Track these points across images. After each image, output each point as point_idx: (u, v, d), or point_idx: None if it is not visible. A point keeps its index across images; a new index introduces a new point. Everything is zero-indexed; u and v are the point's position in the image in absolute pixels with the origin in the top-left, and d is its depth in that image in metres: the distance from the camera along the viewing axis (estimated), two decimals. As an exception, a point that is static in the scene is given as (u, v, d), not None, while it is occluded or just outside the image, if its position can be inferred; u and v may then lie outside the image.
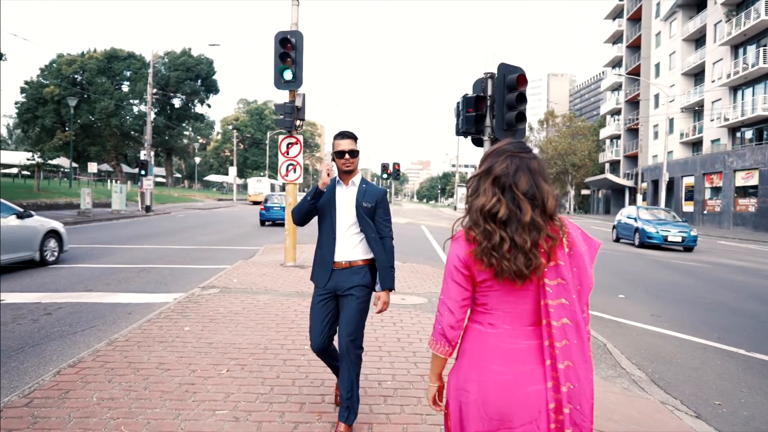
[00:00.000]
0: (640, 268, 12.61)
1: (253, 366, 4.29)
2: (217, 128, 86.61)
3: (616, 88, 58.96)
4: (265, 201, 22.01)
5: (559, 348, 1.58)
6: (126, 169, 62.04)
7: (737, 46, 33.80)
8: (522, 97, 7.26)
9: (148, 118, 30.26)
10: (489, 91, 7.43)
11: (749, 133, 33.58)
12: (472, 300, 1.70)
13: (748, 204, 31.16)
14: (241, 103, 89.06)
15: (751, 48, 32.24)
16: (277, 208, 21.08)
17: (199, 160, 79.97)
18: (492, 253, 1.58)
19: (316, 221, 3.24)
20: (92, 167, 32.45)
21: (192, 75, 59.42)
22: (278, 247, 12.47)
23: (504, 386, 1.61)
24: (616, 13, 58.85)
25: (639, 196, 39.39)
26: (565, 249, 1.63)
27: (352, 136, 3.09)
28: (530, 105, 8.52)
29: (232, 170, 58.36)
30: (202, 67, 59.76)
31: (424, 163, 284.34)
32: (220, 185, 79.92)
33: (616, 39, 59.26)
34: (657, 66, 46.51)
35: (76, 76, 55.44)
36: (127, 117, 56.63)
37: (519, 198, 1.58)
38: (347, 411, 3.07)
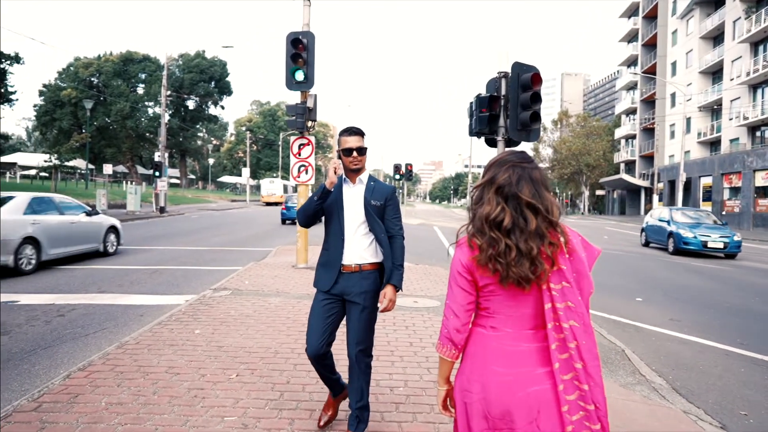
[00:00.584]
0: (657, 270, 12.36)
1: (263, 370, 4.23)
2: (231, 130, 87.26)
3: (632, 87, 58.18)
4: (286, 202, 24.70)
5: (571, 349, 1.63)
6: (141, 170, 62.68)
7: (757, 43, 33.13)
8: (537, 96, 7.14)
9: (162, 120, 30.52)
10: (503, 91, 7.30)
11: (769, 132, 32.92)
12: (475, 304, 1.76)
13: (769, 204, 30.52)
14: (254, 104, 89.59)
15: (772, 45, 31.61)
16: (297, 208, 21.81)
17: (212, 161, 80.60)
18: (498, 259, 1.64)
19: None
20: (107, 169, 32.87)
21: (206, 77, 59.91)
22: (290, 249, 12.44)
23: (505, 386, 1.66)
24: (632, 12, 58.11)
25: (655, 197, 38.81)
26: (565, 255, 1.68)
27: (360, 133, 2.96)
28: (544, 105, 8.38)
29: (246, 171, 58.71)
30: (216, 69, 60.22)
31: (437, 163, 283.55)
32: (233, 186, 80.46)
33: (631, 37, 58.50)
34: (673, 64, 45.81)
35: (92, 79, 56.20)
36: (142, 119, 57.27)
37: (522, 207, 1.64)
38: (357, 420, 2.99)
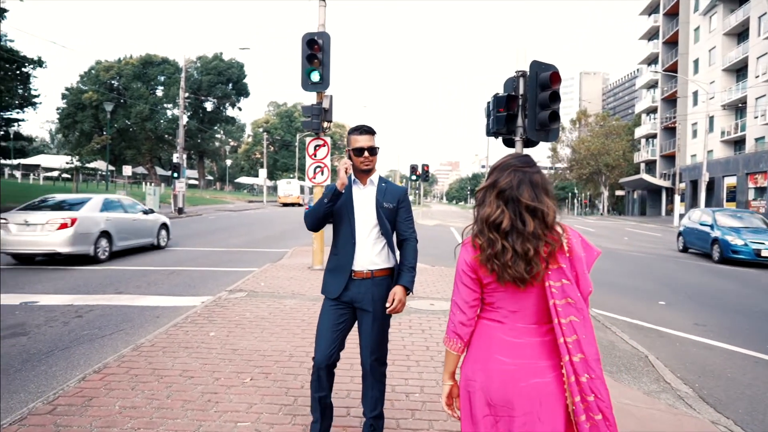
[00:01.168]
0: (680, 272, 12.06)
1: (278, 374, 4.18)
2: (248, 131, 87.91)
3: (652, 85, 57.18)
4: (309, 202, 27.13)
5: (570, 343, 1.70)
6: (160, 171, 63.48)
7: (783, 39, 32.31)
8: (555, 95, 7.00)
9: (180, 122, 30.87)
10: (521, 90, 7.17)
11: (796, 131, 32.04)
12: (480, 300, 1.85)
13: (796, 205, 29.68)
14: (271, 105, 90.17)
15: (798, 41, 30.77)
16: None
17: (230, 162, 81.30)
18: (494, 260, 1.73)
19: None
20: (127, 170, 33.31)
21: (223, 79, 60.45)
22: (306, 250, 12.43)
23: (506, 375, 1.74)
24: (652, 9, 57.11)
25: (677, 197, 38.02)
26: (566, 253, 1.75)
27: (371, 132, 2.82)
28: (562, 104, 8.21)
29: (263, 172, 59.08)
30: (233, 70, 60.74)
31: (453, 164, 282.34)
32: (250, 187, 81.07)
33: (651, 35, 57.49)
34: (696, 62, 44.88)
35: (113, 82, 57.09)
36: (161, 121, 58.00)
37: (521, 210, 1.72)
38: (371, 429, 2.90)
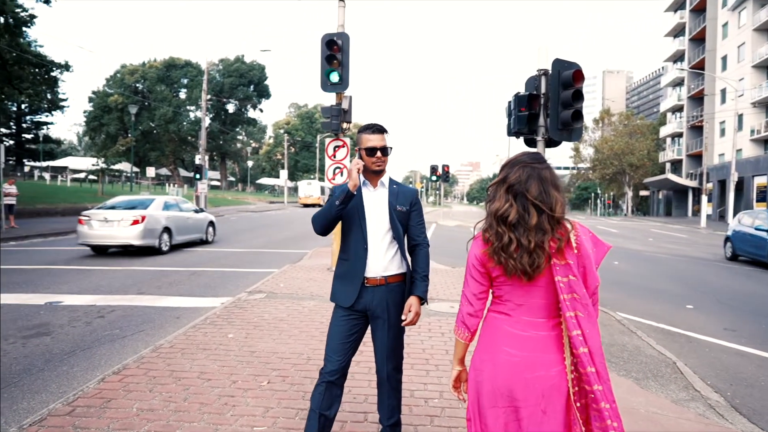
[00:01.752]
0: (707, 274, 11.71)
1: (295, 378, 4.14)
2: (269, 132, 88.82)
3: (678, 83, 55.93)
4: None
5: (572, 336, 1.76)
6: (183, 173, 64.50)
7: (816, 34, 31.24)
8: (579, 94, 6.85)
9: (202, 124, 31.28)
10: (543, 89, 7.03)
11: (830, 129, 30.92)
12: (489, 293, 1.93)
13: (830, 205, 28.63)
14: (292, 107, 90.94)
15: (833, 36, 29.69)
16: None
17: (251, 163, 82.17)
18: (501, 252, 1.79)
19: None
20: (150, 172, 33.84)
21: (245, 81, 61.20)
22: (326, 251, 12.43)
23: (513, 366, 1.80)
24: (678, 5, 55.86)
25: (704, 197, 37.09)
26: (573, 249, 1.80)
27: (383, 130, 2.69)
28: (585, 104, 7.98)
29: (283, 173, 59.54)
30: (255, 72, 61.42)
31: (474, 164, 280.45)
32: (271, 188, 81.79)
33: (677, 32, 56.25)
34: (724, 59, 43.74)
35: (137, 85, 58.28)
36: (184, 123, 58.96)
37: (528, 204, 1.78)
38: (388, 437, 2.83)
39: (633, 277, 10.84)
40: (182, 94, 60.81)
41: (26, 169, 53.47)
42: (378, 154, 2.65)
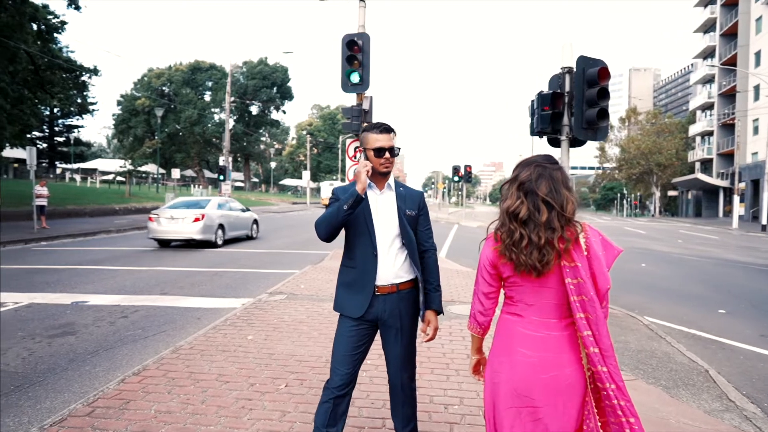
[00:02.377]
0: (741, 277, 11.30)
1: (313, 381, 4.10)
2: (292, 133, 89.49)
3: (708, 80, 54.41)
4: None
5: (583, 336, 1.81)
6: (208, 174, 65.52)
7: None
8: (604, 92, 6.66)
9: (226, 126, 31.66)
10: (567, 87, 6.87)
11: None
12: (499, 293, 2.00)
13: None
14: (315, 108, 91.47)
15: None
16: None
17: (274, 164, 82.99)
18: (512, 248, 1.84)
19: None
20: (175, 173, 34.37)
21: (268, 83, 61.84)
22: (346, 252, 12.39)
23: (530, 366, 1.84)
24: (708, 0, 54.38)
25: (736, 198, 35.94)
26: (583, 252, 1.83)
27: (391, 130, 2.55)
28: (610, 102, 7.78)
29: (306, 174, 59.96)
30: (278, 74, 62.01)
31: (497, 164, 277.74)
32: (294, 189, 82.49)
33: (707, 27, 54.74)
34: (757, 54, 42.36)
35: (163, 88, 59.40)
36: (209, 125, 59.88)
37: (539, 202, 1.82)
38: (405, 446, 2.73)
39: (661, 280, 10.53)
40: (207, 97, 61.75)
41: (58, 171, 55.05)
42: (386, 154, 2.52)
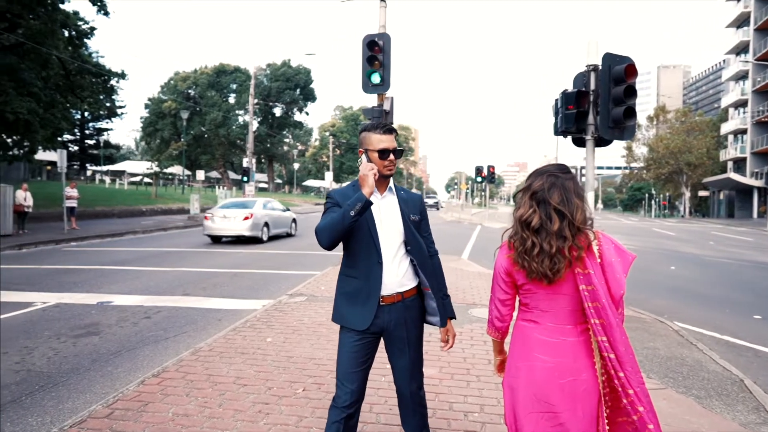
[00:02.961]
0: (777, 282, 10.87)
1: (331, 385, 4.04)
2: (315, 135, 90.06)
3: (742, 77, 52.78)
4: None
5: (599, 341, 1.84)
6: (232, 175, 66.34)
7: None
8: (631, 89, 6.47)
9: (250, 128, 32.03)
10: (592, 85, 6.70)
11: None
12: (515, 299, 2.03)
13: None
14: (337, 109, 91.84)
15: None
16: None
17: (298, 166, 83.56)
18: (524, 256, 1.88)
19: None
20: (200, 175, 34.89)
21: (291, 85, 62.34)
22: (367, 253, 12.36)
23: (548, 371, 1.87)
24: (741, -6, 52.79)
25: (771, 198, 34.83)
26: (597, 259, 1.87)
27: (394, 130, 2.41)
28: (637, 101, 7.54)
29: (329, 175, 60.16)
30: (301, 76, 62.49)
31: (521, 164, 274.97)
32: (317, 190, 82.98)
33: (741, 22, 53.12)
34: (793, 50, 40.95)
35: (189, 91, 60.41)
36: (233, 127, 60.64)
37: (551, 211, 1.86)
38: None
39: (692, 284, 10.20)
40: (231, 99, 62.59)
41: (88, 173, 56.54)
42: (391, 156, 2.39)
